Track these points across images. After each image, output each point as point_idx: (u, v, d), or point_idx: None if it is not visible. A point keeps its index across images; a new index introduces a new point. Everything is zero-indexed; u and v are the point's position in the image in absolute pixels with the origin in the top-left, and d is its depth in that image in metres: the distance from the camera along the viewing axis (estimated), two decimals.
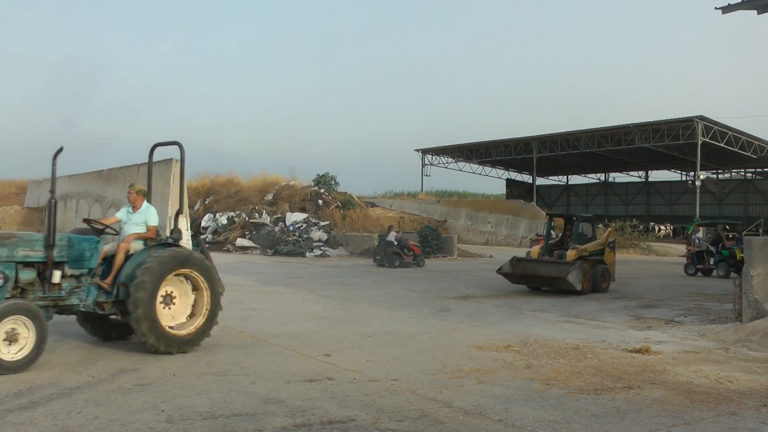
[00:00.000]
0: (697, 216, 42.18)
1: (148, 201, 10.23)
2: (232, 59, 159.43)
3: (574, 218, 19.75)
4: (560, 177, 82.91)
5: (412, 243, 29.41)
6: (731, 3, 14.84)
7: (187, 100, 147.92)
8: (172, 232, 10.34)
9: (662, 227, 62.50)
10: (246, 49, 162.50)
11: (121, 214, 9.83)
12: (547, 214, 20.74)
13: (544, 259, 18.97)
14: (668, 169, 72.52)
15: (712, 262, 26.40)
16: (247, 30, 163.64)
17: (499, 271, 19.20)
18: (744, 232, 37.57)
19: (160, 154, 11.42)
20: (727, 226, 30.51)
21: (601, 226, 51.64)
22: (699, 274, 26.73)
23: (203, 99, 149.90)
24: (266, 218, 35.00)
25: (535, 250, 20.17)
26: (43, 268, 8.18)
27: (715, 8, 15.10)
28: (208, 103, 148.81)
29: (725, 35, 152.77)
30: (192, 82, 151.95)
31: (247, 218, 35.09)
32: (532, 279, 18.60)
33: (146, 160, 11.46)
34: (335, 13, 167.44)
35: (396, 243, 28.05)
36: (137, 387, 7.13)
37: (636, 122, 53.35)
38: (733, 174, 71.87)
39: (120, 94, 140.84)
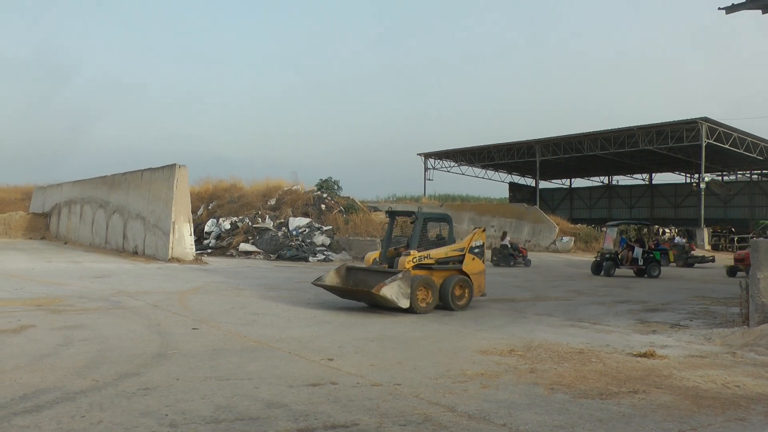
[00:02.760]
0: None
1: None
2: (234, 64, 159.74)
3: (414, 216, 15.56)
4: (563, 180, 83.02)
5: (521, 246, 35.39)
6: (735, 3, 14.83)
7: (189, 105, 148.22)
8: None
9: (667, 230, 62.41)
10: (248, 53, 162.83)
11: None
12: (387, 212, 16.66)
13: (375, 268, 15.22)
14: (672, 171, 72.61)
15: (641, 263, 27.29)
16: (250, 34, 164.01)
17: (319, 282, 15.31)
18: (750, 235, 37.65)
19: (164, 159, 11.44)
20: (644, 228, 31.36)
21: (604, 230, 51.83)
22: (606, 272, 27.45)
23: (206, 104, 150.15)
24: (269, 223, 34.99)
25: (370, 256, 16.00)
26: None
27: (719, 8, 15.08)
28: (210, 108, 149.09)
29: (729, 36, 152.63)
30: (195, 87, 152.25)
31: (250, 223, 35.08)
32: (358, 294, 14.79)
33: (150, 166, 11.44)
34: (338, 18, 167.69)
35: (510, 246, 33.56)
36: (141, 391, 7.13)
37: (639, 125, 53.39)
38: (738, 176, 71.81)
39: (124, 100, 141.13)
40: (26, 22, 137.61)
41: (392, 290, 13.61)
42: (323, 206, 38.52)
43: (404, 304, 13.75)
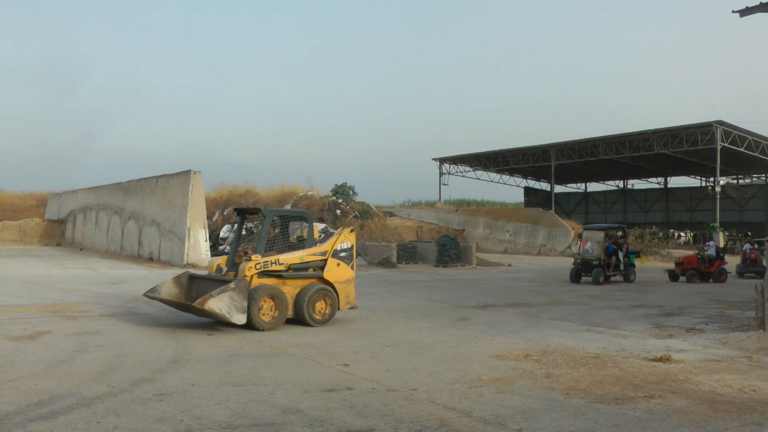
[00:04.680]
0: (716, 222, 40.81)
1: None
2: (246, 68, 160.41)
3: (261, 213, 13.17)
4: (578, 184, 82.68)
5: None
6: (749, 6, 14.75)
7: (204, 111, 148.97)
8: None
9: (682, 234, 62.06)
10: (262, 59, 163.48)
11: None
12: (235, 209, 14.43)
13: (215, 277, 13.05)
14: (687, 175, 72.13)
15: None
16: (264, 40, 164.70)
17: (153, 293, 13.11)
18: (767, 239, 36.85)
19: (179, 165, 11.47)
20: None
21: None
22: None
23: (220, 110, 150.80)
24: None
25: (215, 261, 13.60)
26: None
27: (733, 11, 15.01)
28: (224, 113, 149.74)
29: (744, 39, 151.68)
30: (209, 93, 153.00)
31: None
32: (189, 308, 12.40)
33: (164, 172, 11.35)
34: (352, 23, 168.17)
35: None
36: (156, 397, 7.16)
37: (654, 128, 53.08)
38: (754, 179, 71.27)
39: (137, 106, 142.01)
40: (38, 27, 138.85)
41: (221, 303, 11.46)
42: (338, 211, 38.62)
43: (239, 319, 11.64)
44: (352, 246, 13.68)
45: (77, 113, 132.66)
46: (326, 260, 13.19)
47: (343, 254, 13.45)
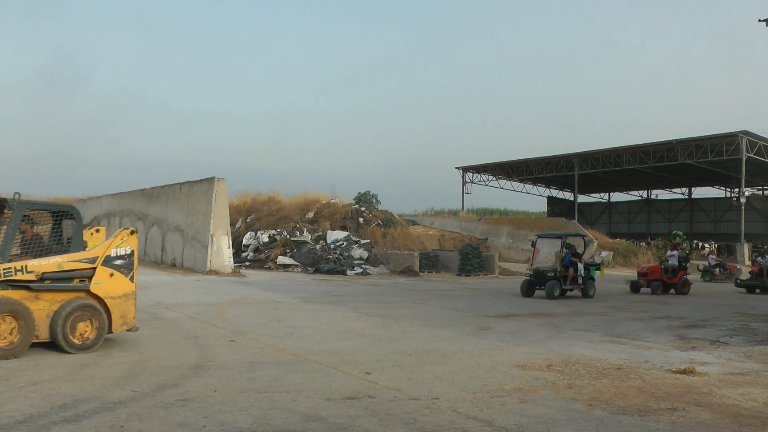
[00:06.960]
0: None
1: None
2: (271, 78, 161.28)
3: (7, 205, 10.00)
4: (602, 194, 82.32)
5: (729, 263, 37.70)
6: None
7: (228, 118, 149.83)
8: None
9: (707, 245, 61.52)
10: (286, 68, 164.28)
11: None
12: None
13: None
14: (712, 185, 71.62)
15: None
16: (286, 49, 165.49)
17: None
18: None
19: (202, 172, 11.50)
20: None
21: (643, 244, 51.07)
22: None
23: (244, 118, 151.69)
24: (307, 236, 35.17)
25: None
26: None
27: (759, 20, 14.98)
28: (248, 121, 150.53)
29: None
30: (232, 100, 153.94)
31: (288, 236, 35.29)
32: None
33: (188, 179, 11.17)
34: (375, 32, 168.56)
35: (709, 263, 36.99)
36: (179, 402, 7.20)
37: (678, 138, 52.82)
38: None
39: (161, 113, 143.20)
40: (52, 32, 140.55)
41: None
42: (361, 220, 38.62)
43: None
44: (133, 252, 10.64)
45: (100, 119, 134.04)
46: (95, 269, 10.24)
47: (119, 262, 10.45)
